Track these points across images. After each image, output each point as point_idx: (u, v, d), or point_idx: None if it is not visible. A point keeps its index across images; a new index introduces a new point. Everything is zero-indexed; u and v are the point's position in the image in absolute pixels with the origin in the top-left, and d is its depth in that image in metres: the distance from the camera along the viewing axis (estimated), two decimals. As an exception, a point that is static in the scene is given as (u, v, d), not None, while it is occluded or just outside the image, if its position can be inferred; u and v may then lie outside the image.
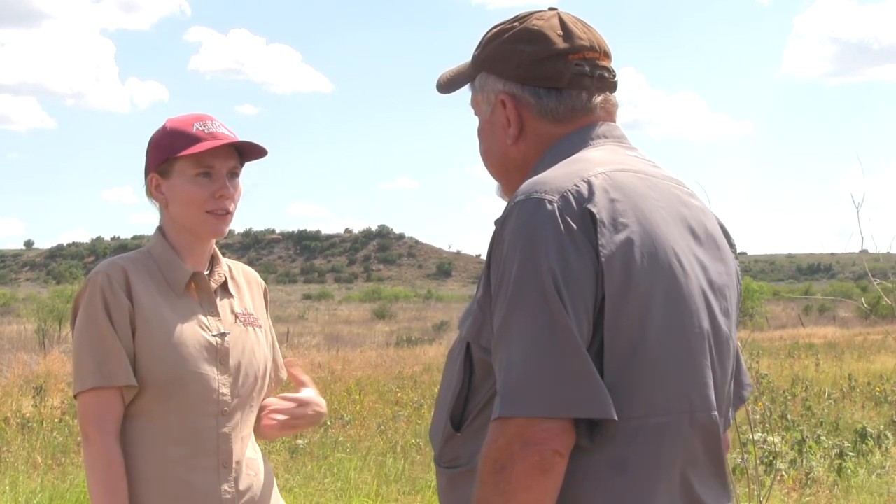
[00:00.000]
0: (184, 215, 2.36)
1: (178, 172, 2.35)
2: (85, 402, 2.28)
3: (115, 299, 2.27)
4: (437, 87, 1.96)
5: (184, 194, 2.35)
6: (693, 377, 1.62)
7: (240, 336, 2.42)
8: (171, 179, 2.36)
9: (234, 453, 2.36)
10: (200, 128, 2.35)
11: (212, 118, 2.40)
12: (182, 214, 2.37)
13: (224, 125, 2.40)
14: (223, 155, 2.37)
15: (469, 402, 1.67)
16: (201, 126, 2.36)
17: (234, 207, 2.40)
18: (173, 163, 2.35)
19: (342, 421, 11.42)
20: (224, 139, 2.35)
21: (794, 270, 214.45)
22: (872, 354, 21.32)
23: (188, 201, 2.35)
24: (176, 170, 2.35)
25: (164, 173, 2.37)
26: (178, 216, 2.38)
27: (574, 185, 1.59)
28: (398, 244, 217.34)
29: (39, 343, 26.17)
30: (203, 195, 2.34)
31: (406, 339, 31.53)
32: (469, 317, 1.67)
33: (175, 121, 2.40)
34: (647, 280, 1.57)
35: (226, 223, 2.39)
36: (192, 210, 2.35)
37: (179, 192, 2.35)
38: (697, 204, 1.78)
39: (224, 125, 2.40)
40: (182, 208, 2.36)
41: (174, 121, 2.40)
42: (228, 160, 2.38)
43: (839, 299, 14.70)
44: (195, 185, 2.34)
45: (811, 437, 8.93)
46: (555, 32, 1.77)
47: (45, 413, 11.70)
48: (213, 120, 2.39)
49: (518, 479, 1.47)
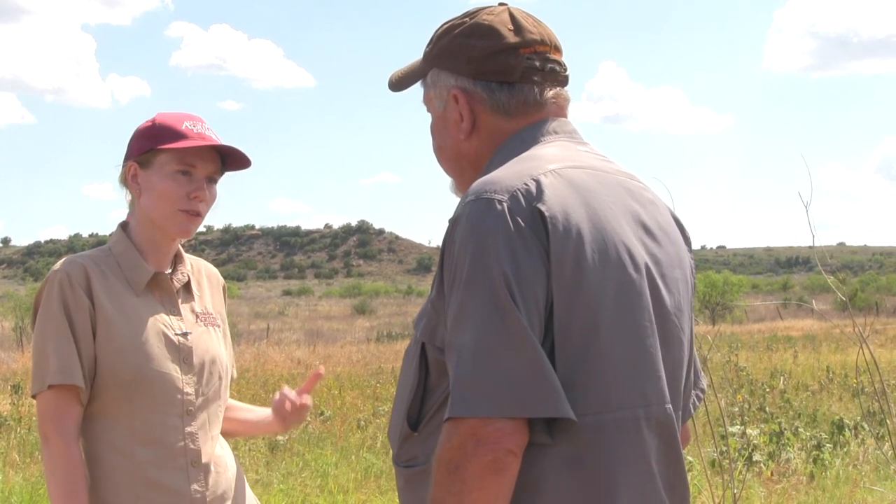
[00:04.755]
0: (155, 209, 2.34)
1: (159, 165, 2.32)
2: (44, 402, 2.25)
3: (74, 298, 2.24)
4: (389, 86, 1.95)
5: (160, 188, 2.32)
6: (646, 371, 1.62)
7: (201, 336, 2.40)
8: (150, 171, 2.33)
9: (203, 452, 2.34)
10: (189, 126, 2.34)
11: (202, 120, 2.38)
12: (153, 208, 2.34)
13: (212, 129, 2.38)
14: (205, 157, 2.35)
15: (425, 402, 1.67)
16: (191, 125, 2.34)
17: (205, 211, 2.38)
18: (156, 154, 2.32)
19: (322, 417, 11.41)
20: (210, 141, 2.33)
21: (773, 263, 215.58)
22: (849, 346, 21.46)
23: (162, 196, 2.32)
24: (157, 162, 2.33)
25: (143, 163, 2.34)
26: (149, 209, 2.34)
27: (524, 185, 1.59)
28: (378, 239, 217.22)
29: (16, 341, 26.01)
30: (179, 193, 2.32)
31: (386, 334, 31.52)
32: (424, 317, 1.67)
33: (165, 115, 2.38)
34: (598, 277, 1.57)
35: (195, 224, 2.37)
36: (164, 205, 2.32)
37: (156, 185, 2.32)
38: (650, 197, 1.77)
39: (212, 129, 2.38)
40: (155, 202, 2.33)
41: (164, 115, 2.38)
42: (209, 164, 2.36)
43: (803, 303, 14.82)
44: (173, 181, 2.32)
45: (789, 429, 8.98)
46: (505, 27, 1.77)
47: (22, 411, 11.64)
48: (203, 122, 2.38)
49: (472, 478, 1.47)
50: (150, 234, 2.38)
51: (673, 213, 1.84)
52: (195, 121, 2.36)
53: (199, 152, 2.33)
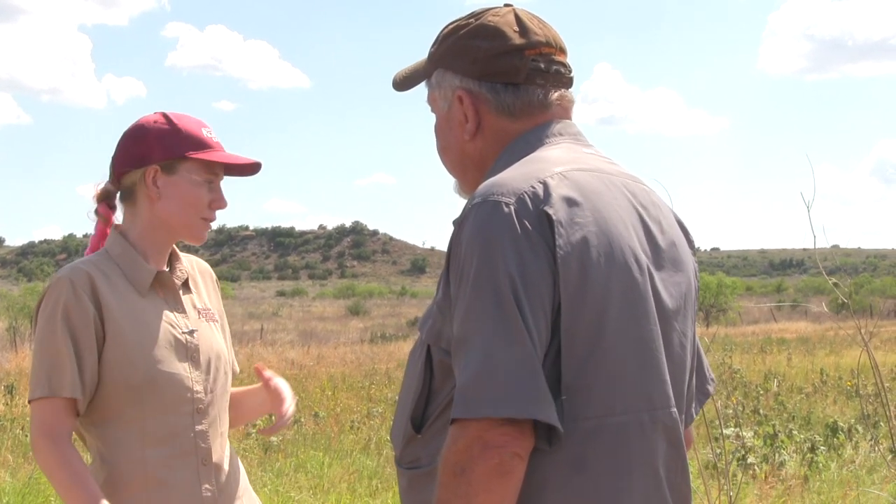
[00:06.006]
0: (177, 215, 2.33)
1: (186, 173, 2.32)
2: (36, 410, 2.23)
3: (78, 306, 2.21)
4: (393, 85, 1.95)
5: (188, 196, 2.32)
6: (651, 375, 1.62)
7: (205, 332, 2.40)
8: (175, 177, 2.32)
9: (213, 451, 2.33)
10: (209, 135, 2.36)
11: (210, 126, 2.40)
12: (175, 214, 2.33)
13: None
14: (222, 168, 2.38)
15: (430, 404, 1.66)
16: (208, 133, 2.36)
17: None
18: (182, 161, 2.32)
19: (316, 418, 11.39)
20: (237, 159, 2.37)
21: (767, 266, 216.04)
22: (843, 349, 21.49)
23: (189, 203, 2.33)
24: (183, 169, 2.32)
25: (168, 169, 2.32)
26: (167, 214, 2.33)
27: (530, 187, 1.59)
28: (372, 240, 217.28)
29: (10, 341, 25.96)
30: (205, 201, 2.35)
31: (380, 335, 31.55)
32: (429, 319, 1.67)
33: (182, 120, 2.37)
34: (604, 279, 1.57)
35: (207, 231, 2.41)
36: (189, 212, 2.33)
37: (182, 191, 2.32)
38: (655, 200, 1.78)
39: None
40: (179, 208, 2.33)
41: (181, 119, 2.37)
42: (222, 174, 2.39)
43: (796, 303, 14.90)
44: (201, 189, 2.34)
45: (783, 431, 8.97)
46: (511, 28, 1.77)
47: (16, 412, 11.61)
48: (212, 128, 2.40)
49: (478, 481, 1.47)
50: (158, 236, 2.37)
51: (676, 216, 1.84)
52: (209, 127, 2.39)
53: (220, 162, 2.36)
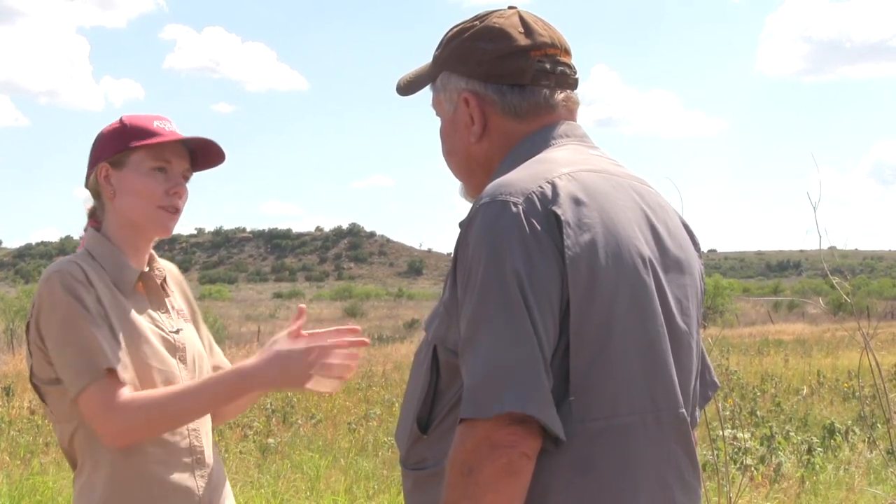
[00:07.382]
0: (134, 208, 2.31)
1: (134, 164, 2.30)
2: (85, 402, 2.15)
3: (83, 288, 2.19)
4: (398, 90, 1.94)
5: (138, 187, 2.29)
6: (658, 376, 1.62)
7: (188, 332, 2.40)
8: (124, 171, 2.30)
9: (204, 448, 2.34)
10: (160, 125, 2.32)
11: (170, 120, 2.37)
12: (132, 208, 2.31)
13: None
14: (179, 154, 2.33)
15: (436, 405, 1.66)
16: (161, 124, 2.33)
17: (182, 207, 2.36)
18: (129, 154, 2.30)
19: (313, 420, 11.39)
20: (179, 136, 2.31)
21: (764, 267, 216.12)
22: (840, 350, 21.51)
23: (141, 194, 2.29)
24: (131, 161, 2.30)
25: (116, 164, 2.31)
26: (126, 209, 2.31)
27: (538, 187, 1.59)
28: (369, 242, 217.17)
29: (7, 343, 25.90)
30: (158, 190, 2.30)
31: (377, 337, 31.52)
32: (436, 319, 1.67)
33: (132, 117, 2.36)
34: (612, 280, 1.57)
35: (174, 221, 2.34)
36: (143, 203, 2.30)
37: (133, 184, 2.30)
38: (661, 202, 1.78)
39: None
40: (133, 201, 2.30)
41: (131, 117, 2.36)
42: (183, 160, 2.34)
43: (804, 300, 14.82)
44: (151, 178, 2.29)
45: (780, 432, 8.98)
46: (516, 30, 1.77)
47: (13, 413, 11.60)
48: (171, 121, 2.36)
49: (486, 481, 1.47)
50: (129, 234, 2.34)
51: (682, 218, 1.84)
52: (164, 120, 2.35)
53: (173, 149, 2.32)
